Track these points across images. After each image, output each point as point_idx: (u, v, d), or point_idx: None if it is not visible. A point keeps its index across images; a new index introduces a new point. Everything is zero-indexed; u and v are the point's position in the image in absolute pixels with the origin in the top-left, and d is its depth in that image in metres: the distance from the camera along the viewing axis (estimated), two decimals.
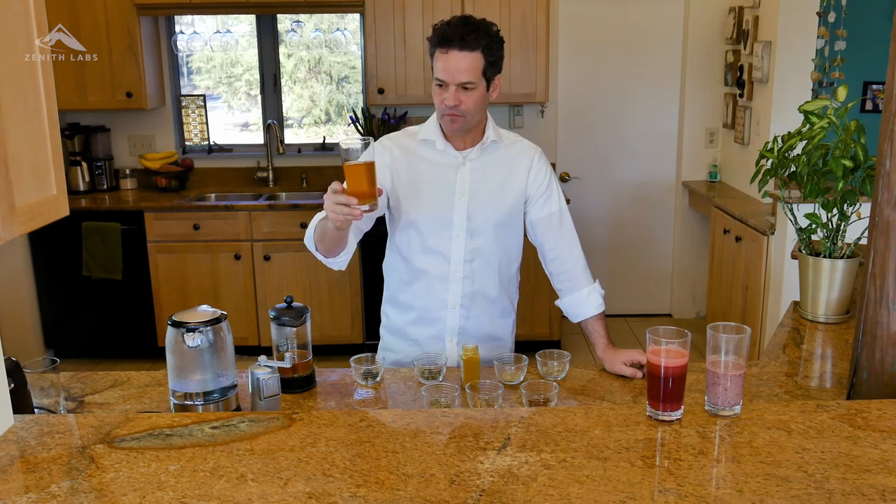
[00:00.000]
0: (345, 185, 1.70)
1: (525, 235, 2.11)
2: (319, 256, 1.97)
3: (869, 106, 4.86)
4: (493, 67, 1.92)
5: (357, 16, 4.93)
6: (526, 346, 2.21)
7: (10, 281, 4.39)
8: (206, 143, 5.11)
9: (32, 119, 1.24)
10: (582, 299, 2.04)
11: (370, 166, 1.69)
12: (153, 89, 4.71)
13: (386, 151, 2.00)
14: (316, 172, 5.03)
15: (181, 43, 4.98)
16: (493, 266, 2.05)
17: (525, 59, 4.55)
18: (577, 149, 5.11)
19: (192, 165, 4.94)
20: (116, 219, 4.39)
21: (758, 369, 1.86)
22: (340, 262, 1.98)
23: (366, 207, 1.69)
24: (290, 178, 5.03)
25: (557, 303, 2.11)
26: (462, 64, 1.85)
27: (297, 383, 1.79)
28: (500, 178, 2.02)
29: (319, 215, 1.92)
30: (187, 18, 4.99)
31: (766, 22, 4.24)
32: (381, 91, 4.58)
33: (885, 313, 1.50)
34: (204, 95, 5.10)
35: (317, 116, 5.30)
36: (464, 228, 2.00)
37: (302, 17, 5.00)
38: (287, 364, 1.75)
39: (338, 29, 5.06)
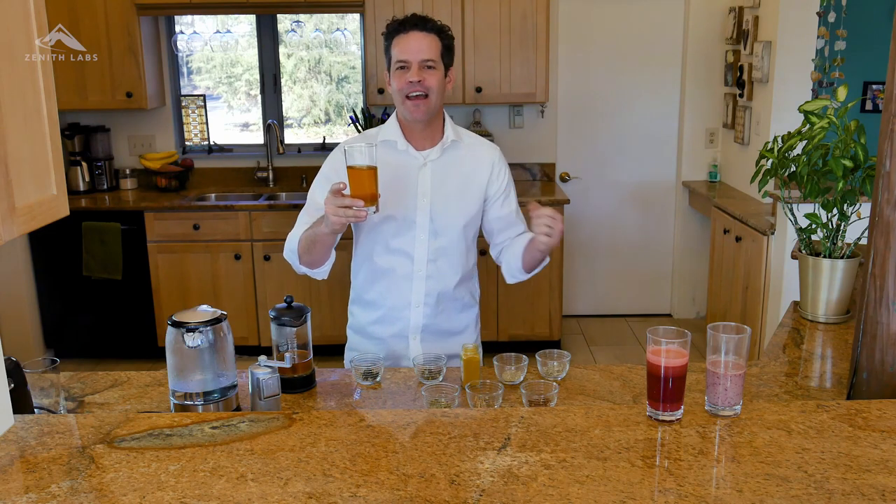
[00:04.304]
0: (347, 188, 1.73)
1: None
2: (303, 269, 2.02)
3: (869, 106, 4.86)
4: (448, 53, 1.99)
5: (357, 16, 4.93)
6: (526, 346, 2.22)
7: (10, 281, 4.39)
8: (206, 143, 5.11)
9: (32, 119, 1.24)
10: (520, 237, 2.08)
11: (373, 170, 1.72)
12: (153, 89, 4.71)
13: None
14: (316, 172, 4.99)
15: (181, 43, 4.98)
16: (456, 264, 2.09)
17: (525, 59, 4.55)
18: (577, 149, 5.11)
19: (192, 165, 4.94)
20: (116, 219, 4.39)
21: (758, 369, 1.86)
22: (324, 271, 2.04)
23: (372, 209, 1.72)
24: (290, 178, 5.03)
25: (504, 268, 2.12)
26: (423, 42, 1.92)
27: (297, 383, 1.79)
28: (461, 178, 2.06)
29: (299, 230, 1.97)
30: (187, 18, 4.99)
31: (766, 22, 4.24)
32: (381, 91, 4.58)
33: (885, 313, 1.50)
34: (204, 95, 5.10)
35: (317, 116, 5.30)
36: (427, 229, 2.03)
37: (302, 17, 5.01)
38: (287, 364, 1.75)
39: (338, 29, 5.06)
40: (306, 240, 1.94)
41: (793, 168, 2.09)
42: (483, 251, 2.20)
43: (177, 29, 4.97)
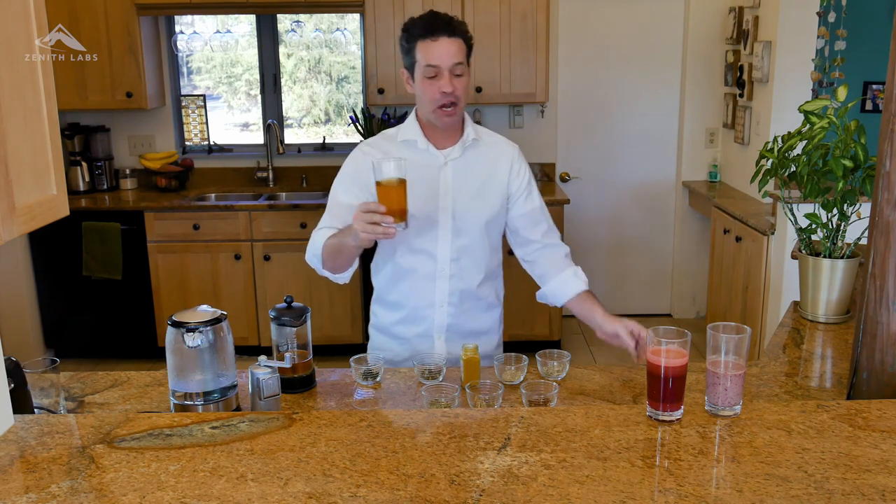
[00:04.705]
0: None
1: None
2: (325, 273, 1.99)
3: (869, 106, 4.86)
4: (470, 55, 1.97)
5: (357, 16, 4.93)
6: (526, 346, 2.22)
7: (10, 281, 4.39)
8: (206, 143, 5.11)
9: (32, 119, 1.24)
10: (569, 278, 2.07)
11: (403, 184, 1.69)
12: (153, 89, 4.71)
13: (367, 158, 1.98)
14: (316, 172, 5.03)
15: (181, 43, 4.98)
16: (479, 263, 2.07)
17: (525, 59, 4.54)
18: (577, 149, 5.11)
19: (192, 165, 4.94)
20: (116, 219, 4.39)
21: (758, 369, 1.86)
22: (347, 276, 2.02)
23: (401, 226, 1.69)
24: (290, 177, 5.03)
25: (540, 293, 2.13)
26: (453, 48, 1.90)
27: (297, 383, 1.79)
28: (482, 176, 2.05)
29: (324, 234, 1.93)
30: (187, 18, 4.99)
31: (766, 22, 4.24)
32: (381, 91, 4.58)
33: (885, 313, 1.50)
34: (204, 95, 5.10)
35: (316, 116, 5.30)
36: (449, 228, 2.01)
37: (302, 17, 5.00)
38: (287, 364, 1.75)
39: (338, 29, 5.06)
40: (331, 248, 1.90)
41: (793, 168, 2.09)
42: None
43: (177, 29, 4.97)
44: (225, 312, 1.62)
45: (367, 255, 2.09)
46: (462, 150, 2.03)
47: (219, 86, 5.26)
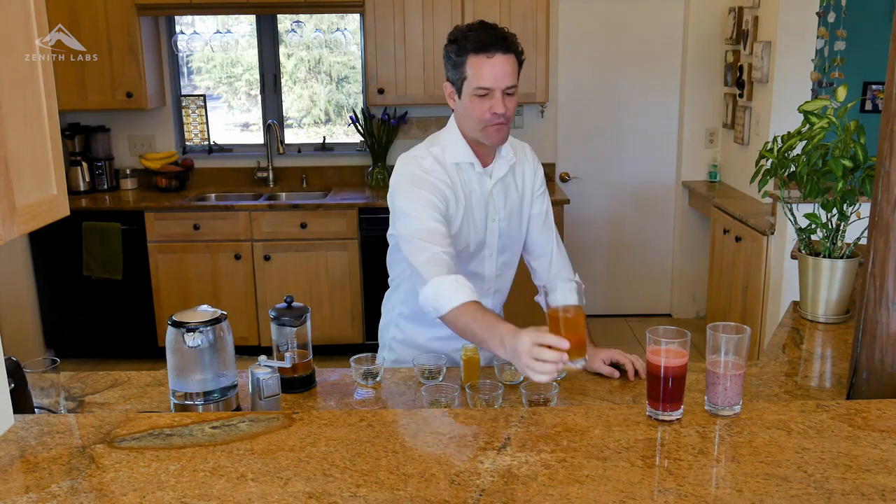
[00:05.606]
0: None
1: None
2: (436, 318, 1.78)
3: (869, 106, 4.86)
4: (520, 69, 1.88)
5: (357, 16, 4.93)
6: None
7: (10, 281, 4.39)
8: (207, 143, 5.11)
9: (32, 119, 1.24)
10: (558, 298, 2.03)
11: (581, 311, 1.45)
12: (153, 89, 4.71)
13: (442, 183, 1.87)
14: (316, 172, 5.03)
15: (181, 43, 4.98)
16: (513, 272, 2.09)
17: (525, 59, 4.53)
18: (577, 149, 5.11)
19: (193, 165, 4.94)
20: (116, 219, 4.39)
21: (758, 369, 1.86)
22: None
23: (580, 363, 1.43)
24: (290, 178, 5.03)
25: (536, 298, 2.10)
26: (507, 67, 1.81)
27: (297, 383, 1.79)
28: (519, 190, 2.01)
29: (449, 285, 1.70)
30: (187, 18, 4.99)
31: (766, 22, 4.24)
32: (381, 91, 4.58)
33: (885, 313, 1.50)
34: (204, 95, 5.10)
35: (316, 116, 5.30)
36: (495, 247, 1.99)
37: (302, 17, 5.00)
38: (287, 364, 1.75)
39: (338, 29, 5.06)
40: (466, 331, 1.68)
41: (792, 168, 2.09)
42: None
43: (177, 29, 4.97)
44: (225, 312, 1.62)
45: (368, 255, 2.08)
46: (507, 168, 1.96)
47: (219, 86, 5.26)
